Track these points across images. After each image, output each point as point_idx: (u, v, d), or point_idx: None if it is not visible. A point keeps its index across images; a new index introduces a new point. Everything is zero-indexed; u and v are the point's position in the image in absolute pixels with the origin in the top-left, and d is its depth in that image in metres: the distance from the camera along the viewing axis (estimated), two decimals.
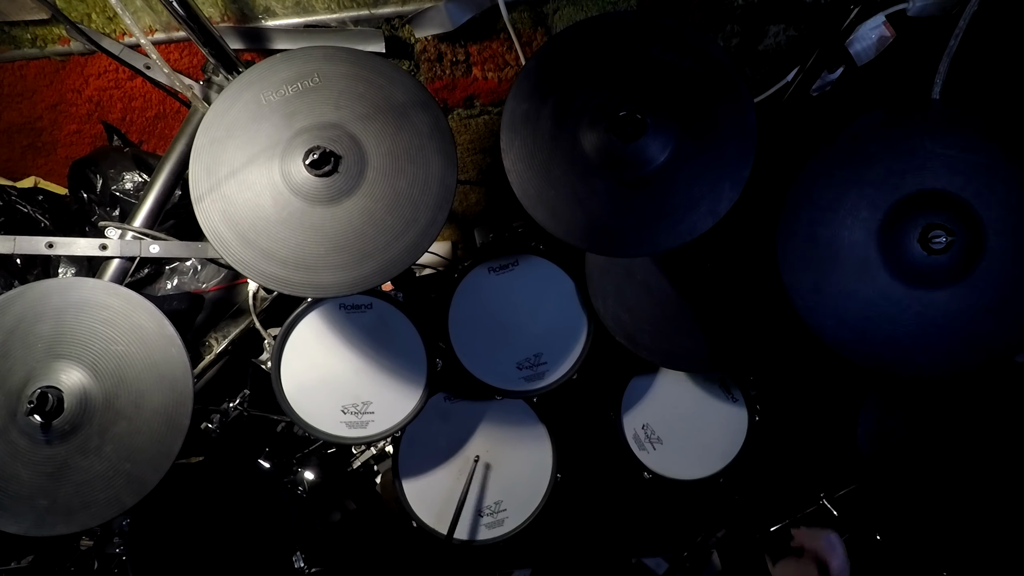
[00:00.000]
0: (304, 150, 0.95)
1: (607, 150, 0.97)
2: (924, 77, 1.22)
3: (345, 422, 1.26)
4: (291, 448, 1.52)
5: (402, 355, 1.27)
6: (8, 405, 0.96)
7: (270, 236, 0.96)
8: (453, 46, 1.47)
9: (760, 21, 1.43)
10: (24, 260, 1.56)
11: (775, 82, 1.41)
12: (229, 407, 1.43)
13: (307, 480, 1.45)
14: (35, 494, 0.94)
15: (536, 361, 1.32)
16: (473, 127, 1.70)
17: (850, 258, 0.99)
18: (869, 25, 1.24)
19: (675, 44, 0.97)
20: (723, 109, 0.96)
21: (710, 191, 0.96)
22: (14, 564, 1.32)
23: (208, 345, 1.65)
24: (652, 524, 1.64)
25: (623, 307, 1.27)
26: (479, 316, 1.31)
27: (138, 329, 0.99)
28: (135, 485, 0.95)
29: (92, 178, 1.58)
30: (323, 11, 1.38)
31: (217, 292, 1.64)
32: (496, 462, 1.39)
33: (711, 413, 1.42)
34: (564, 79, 0.99)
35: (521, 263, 1.32)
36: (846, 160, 0.99)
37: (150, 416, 0.97)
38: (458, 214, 1.98)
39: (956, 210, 0.96)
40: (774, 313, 1.24)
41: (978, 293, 0.96)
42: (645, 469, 1.39)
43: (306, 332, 1.25)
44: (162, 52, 1.38)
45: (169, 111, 1.68)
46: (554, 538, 1.59)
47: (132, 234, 1.19)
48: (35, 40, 1.48)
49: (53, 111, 1.67)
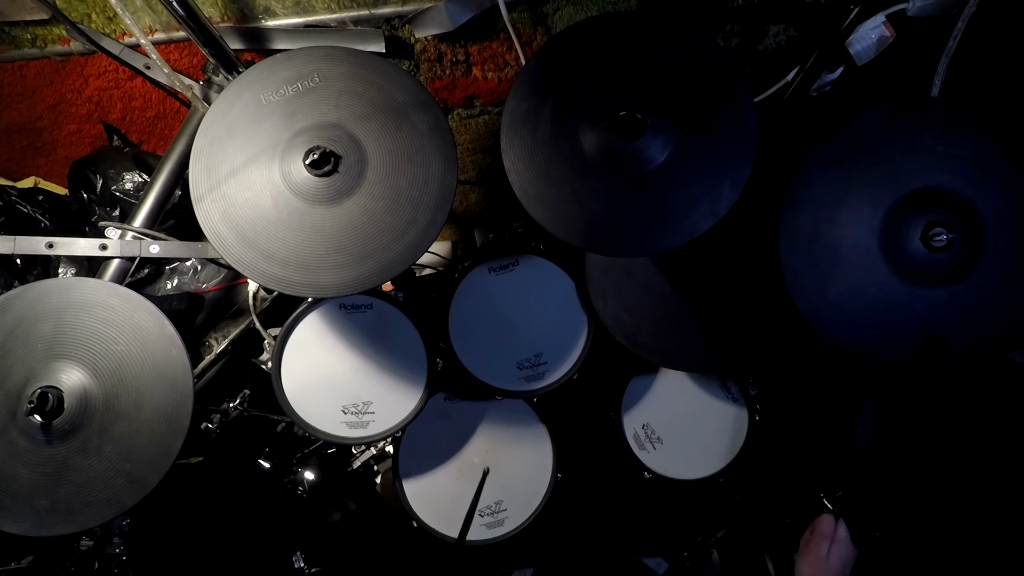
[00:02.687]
0: (304, 150, 0.95)
1: (607, 150, 0.97)
2: (923, 77, 1.22)
3: (345, 422, 1.26)
4: (291, 448, 1.52)
5: (402, 355, 1.27)
6: (8, 405, 0.96)
7: (270, 236, 0.96)
8: (453, 46, 1.47)
9: (760, 21, 1.43)
10: (24, 260, 1.56)
11: (775, 82, 1.41)
12: (229, 407, 1.43)
13: (307, 480, 1.45)
14: (35, 494, 0.94)
15: (536, 361, 1.32)
16: (473, 127, 1.70)
17: (851, 256, 0.99)
18: (869, 25, 1.24)
19: (675, 44, 0.97)
20: (723, 109, 0.96)
21: (710, 191, 0.96)
22: (14, 564, 1.32)
23: (208, 345, 1.65)
24: (652, 524, 1.64)
25: (623, 307, 1.27)
26: (479, 316, 1.31)
27: (138, 329, 0.99)
28: (135, 485, 0.95)
29: (92, 178, 1.58)
30: (323, 11, 1.38)
31: (217, 292, 1.64)
32: (496, 462, 1.39)
33: (711, 413, 1.42)
34: (564, 79, 0.99)
35: (521, 263, 1.32)
36: (847, 159, 0.99)
37: (150, 416, 0.97)
38: (458, 214, 1.98)
39: (957, 208, 0.96)
40: (775, 313, 1.24)
41: (978, 290, 0.96)
42: (645, 469, 1.39)
43: (306, 332, 1.25)
44: (162, 52, 1.38)
45: (169, 111, 1.68)
46: (554, 538, 1.59)
47: (132, 234, 1.19)
48: (35, 40, 1.48)
49: (53, 111, 1.67)
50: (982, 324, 0.97)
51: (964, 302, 0.97)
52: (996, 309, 0.97)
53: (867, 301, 0.98)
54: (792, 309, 1.01)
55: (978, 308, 0.97)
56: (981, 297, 0.96)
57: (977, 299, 0.97)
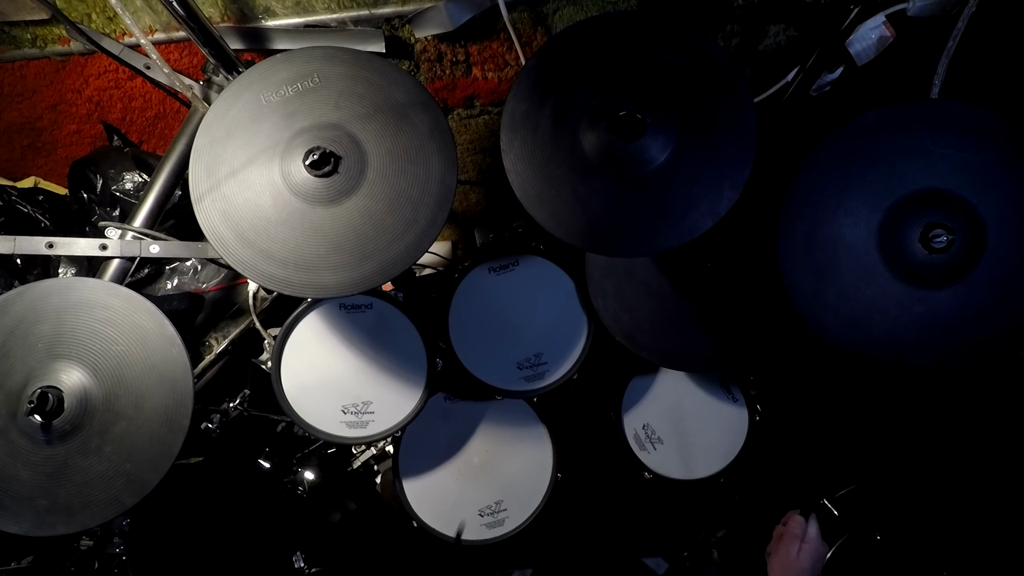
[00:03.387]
0: (304, 150, 0.95)
1: (607, 150, 0.97)
2: (923, 77, 1.22)
3: (345, 422, 1.26)
4: (291, 448, 1.52)
5: (402, 355, 1.27)
6: (8, 405, 0.96)
7: (270, 236, 0.96)
8: (453, 46, 1.47)
9: (760, 21, 1.43)
10: (24, 260, 1.56)
11: (775, 82, 1.41)
12: (229, 407, 1.43)
13: (307, 480, 1.45)
14: (35, 494, 0.94)
15: (536, 361, 1.32)
16: (473, 127, 1.70)
17: (851, 257, 0.99)
18: (869, 25, 1.24)
19: (675, 44, 0.97)
20: (723, 109, 0.96)
21: (710, 191, 0.96)
22: (14, 564, 1.32)
23: (208, 345, 1.65)
24: (652, 524, 1.64)
25: (623, 307, 1.27)
26: (479, 316, 1.31)
27: (138, 329, 0.99)
28: (135, 485, 0.95)
29: (92, 178, 1.58)
30: (323, 11, 1.37)
31: (217, 292, 1.64)
32: (496, 462, 1.39)
33: (711, 413, 1.42)
34: (564, 79, 0.99)
35: (521, 263, 1.32)
36: (847, 159, 0.99)
37: (150, 416, 0.97)
38: (458, 214, 1.98)
39: (957, 209, 0.96)
40: (774, 313, 1.24)
41: (979, 291, 0.96)
42: (645, 469, 1.39)
43: (306, 332, 1.25)
44: (162, 52, 1.38)
45: (169, 111, 1.68)
46: (554, 538, 1.59)
47: (132, 234, 1.19)
48: (35, 40, 1.48)
49: (53, 111, 1.67)
50: (982, 325, 0.97)
51: (964, 303, 0.97)
52: (997, 310, 0.97)
53: (866, 302, 0.98)
54: (792, 309, 1.01)
55: (978, 309, 0.97)
56: (982, 298, 0.96)
57: (977, 300, 0.96)
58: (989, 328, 0.97)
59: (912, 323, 0.98)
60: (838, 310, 0.99)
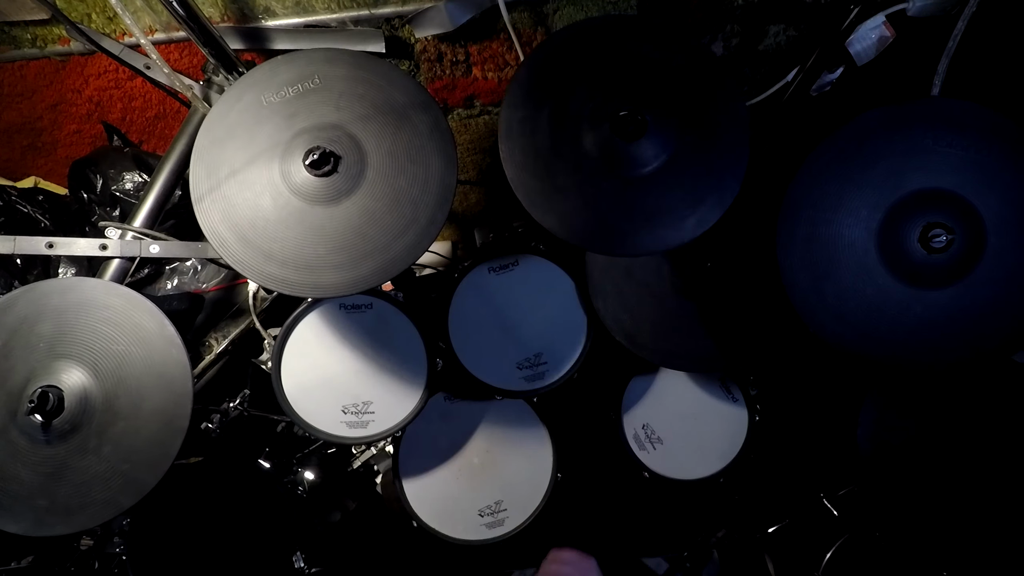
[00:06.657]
0: (304, 150, 0.95)
1: (607, 150, 0.97)
2: (923, 77, 1.22)
3: (345, 422, 1.26)
4: (291, 448, 1.52)
5: (402, 355, 1.27)
6: (9, 405, 0.96)
7: (270, 236, 0.96)
8: (453, 46, 1.47)
9: (760, 21, 1.43)
10: (24, 260, 1.56)
11: (775, 82, 1.41)
12: (229, 407, 1.43)
13: (307, 480, 1.45)
14: (35, 494, 0.94)
15: (536, 361, 1.32)
16: (473, 127, 1.70)
17: (850, 257, 0.99)
18: (869, 25, 1.24)
19: (665, 44, 0.98)
20: (716, 107, 0.97)
21: (710, 191, 0.96)
22: (14, 564, 1.32)
23: (208, 345, 1.65)
24: (652, 524, 1.64)
25: (623, 307, 1.27)
26: (479, 316, 1.31)
27: (138, 329, 0.99)
28: (133, 486, 0.94)
29: (92, 178, 1.58)
30: (323, 11, 1.38)
31: (217, 292, 1.64)
32: (496, 462, 1.39)
33: (711, 413, 1.42)
34: (562, 81, 0.99)
35: (521, 263, 1.32)
36: (846, 159, 0.99)
37: (149, 416, 0.97)
38: (458, 214, 1.98)
39: (956, 209, 0.96)
40: (774, 313, 1.24)
41: (978, 291, 0.96)
42: (645, 469, 1.39)
43: (306, 332, 1.25)
44: (162, 52, 1.39)
45: (169, 111, 1.68)
46: (554, 538, 1.59)
47: (132, 234, 1.19)
48: (35, 40, 1.48)
49: (53, 111, 1.67)
50: (982, 325, 0.97)
51: (963, 303, 0.97)
52: (997, 311, 0.97)
53: (865, 302, 0.98)
54: (791, 309, 1.01)
55: (978, 310, 0.97)
56: (981, 298, 0.96)
57: (977, 300, 0.96)
58: (989, 328, 0.97)
59: (911, 323, 0.98)
60: (837, 310, 0.99)
